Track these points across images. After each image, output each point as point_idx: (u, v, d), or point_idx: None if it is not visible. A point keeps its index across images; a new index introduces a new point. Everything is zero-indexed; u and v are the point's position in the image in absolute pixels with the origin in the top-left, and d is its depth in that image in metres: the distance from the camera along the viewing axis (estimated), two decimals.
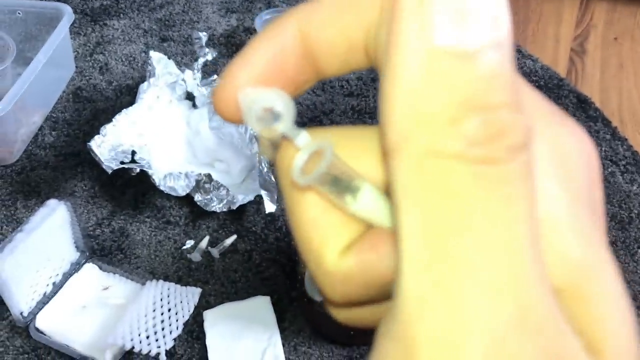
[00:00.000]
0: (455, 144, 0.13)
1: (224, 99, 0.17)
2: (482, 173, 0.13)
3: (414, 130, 0.13)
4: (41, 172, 0.87)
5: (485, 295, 0.13)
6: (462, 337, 0.13)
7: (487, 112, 0.13)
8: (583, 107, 1.00)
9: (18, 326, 0.70)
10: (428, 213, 0.13)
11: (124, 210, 0.83)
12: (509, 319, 0.13)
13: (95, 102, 0.97)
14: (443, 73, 0.13)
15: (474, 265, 0.13)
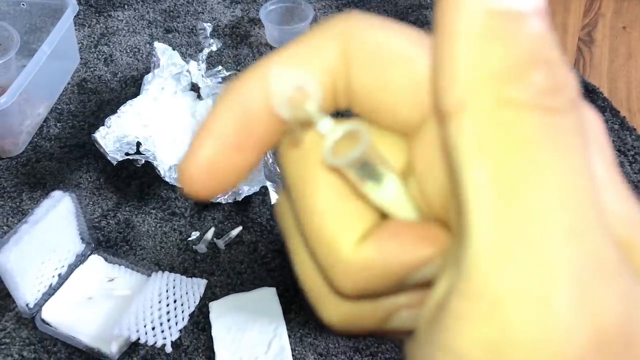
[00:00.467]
0: (525, 93, 0.13)
1: (190, 175, 0.17)
2: (550, 122, 0.13)
3: (482, 83, 0.13)
4: (46, 164, 0.87)
5: (564, 241, 0.13)
6: (550, 284, 0.13)
7: (549, 66, 0.13)
8: (591, 97, 0.99)
9: (24, 317, 0.70)
10: (500, 163, 0.13)
11: (130, 201, 0.83)
12: (590, 263, 0.13)
13: (100, 94, 0.97)
14: (502, 31, 0.13)
15: (550, 212, 0.13)
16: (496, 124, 0.13)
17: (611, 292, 0.13)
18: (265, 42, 1.06)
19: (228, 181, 0.18)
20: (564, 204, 0.13)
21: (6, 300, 0.72)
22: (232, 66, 1.01)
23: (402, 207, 0.17)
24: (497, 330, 0.13)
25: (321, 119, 0.16)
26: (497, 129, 0.13)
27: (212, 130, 0.17)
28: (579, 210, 0.13)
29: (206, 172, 0.17)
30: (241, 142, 0.17)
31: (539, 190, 0.13)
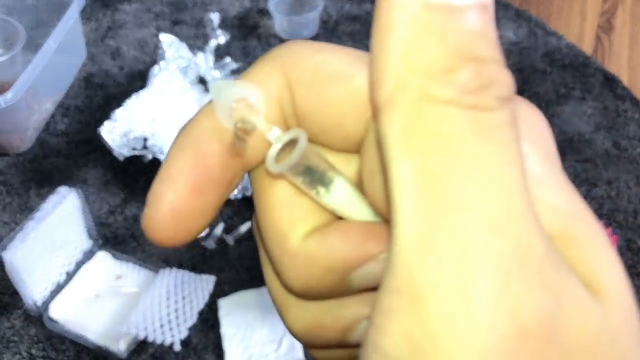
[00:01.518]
0: (449, 90, 0.13)
1: (154, 223, 0.17)
2: (475, 118, 0.13)
3: (410, 78, 0.14)
4: (53, 160, 0.86)
5: (487, 232, 0.13)
6: (470, 276, 0.13)
7: (478, 64, 0.13)
8: (610, 85, 0.96)
9: (32, 315, 0.70)
10: (424, 157, 0.13)
11: (137, 197, 0.81)
12: (513, 255, 0.13)
13: (107, 88, 0.96)
14: (435, 26, 0.13)
15: (473, 204, 0.13)
16: (420, 119, 0.13)
17: (534, 284, 0.13)
18: (274, 33, 1.04)
19: (194, 225, 0.17)
20: (487, 196, 0.13)
21: (14, 298, 0.71)
22: (241, 58, 1.00)
23: (354, 210, 0.17)
24: (418, 324, 0.13)
25: (269, 128, 0.17)
26: (421, 125, 0.13)
27: (169, 176, 0.17)
28: (505, 202, 0.13)
29: (170, 219, 0.17)
30: (200, 183, 0.17)
31: (461, 183, 0.13)
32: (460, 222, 0.13)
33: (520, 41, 1.03)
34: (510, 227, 0.13)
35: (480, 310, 0.13)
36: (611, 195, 0.82)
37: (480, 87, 0.13)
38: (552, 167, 0.16)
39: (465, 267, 0.13)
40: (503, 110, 0.13)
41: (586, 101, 0.94)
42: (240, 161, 0.17)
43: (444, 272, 0.13)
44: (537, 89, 0.95)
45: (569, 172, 0.84)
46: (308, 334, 0.19)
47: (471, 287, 0.13)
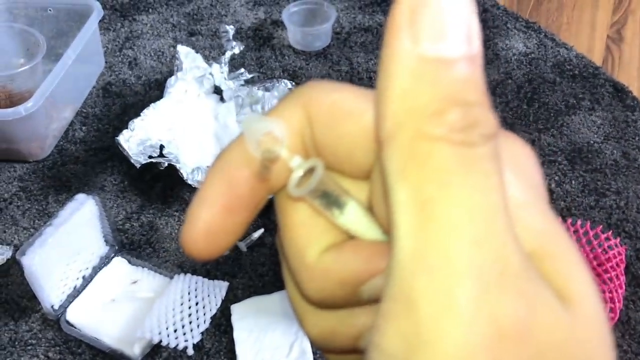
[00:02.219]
0: (440, 129, 0.16)
1: (191, 240, 0.19)
2: (461, 153, 0.15)
3: (407, 118, 0.16)
4: (72, 167, 0.88)
5: (469, 248, 0.15)
6: (454, 284, 0.15)
7: (465, 107, 0.16)
8: (620, 96, 0.97)
9: (49, 319, 0.71)
10: (418, 185, 0.16)
11: (153, 204, 0.83)
12: (491, 267, 0.15)
13: (125, 97, 0.98)
14: (428, 75, 0.16)
15: (458, 224, 0.15)
16: (415, 153, 0.16)
17: (510, 292, 0.15)
18: (287, 44, 1.06)
19: (226, 241, 0.20)
20: (471, 217, 0.15)
21: (32, 302, 0.73)
22: (255, 68, 1.02)
23: (365, 230, 0.20)
24: (411, 325, 0.15)
25: (291, 157, 0.19)
26: (414, 158, 0.16)
27: (205, 198, 0.19)
28: (486, 222, 0.15)
29: (205, 236, 0.19)
30: (231, 205, 0.19)
31: (449, 206, 0.15)
32: (447, 239, 0.15)
33: (530, 52, 1.04)
34: (489, 244, 0.15)
35: (462, 313, 0.15)
36: (620, 205, 0.82)
37: (467, 126, 0.16)
38: (532, 193, 0.18)
39: (451, 277, 0.15)
40: (486, 146, 0.16)
41: (595, 111, 0.94)
42: (266, 186, 0.20)
43: (433, 280, 0.15)
44: (546, 99, 0.96)
45: (578, 182, 0.85)
46: (323, 339, 0.21)
47: (455, 293, 0.15)
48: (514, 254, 0.15)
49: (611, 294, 0.68)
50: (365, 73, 1.01)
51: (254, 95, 0.89)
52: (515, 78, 1.00)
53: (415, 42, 0.16)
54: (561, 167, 0.87)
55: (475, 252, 0.15)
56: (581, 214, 0.81)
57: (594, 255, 0.72)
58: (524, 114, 0.94)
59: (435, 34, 0.16)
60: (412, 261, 0.15)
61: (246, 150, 0.19)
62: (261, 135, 0.19)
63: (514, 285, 0.15)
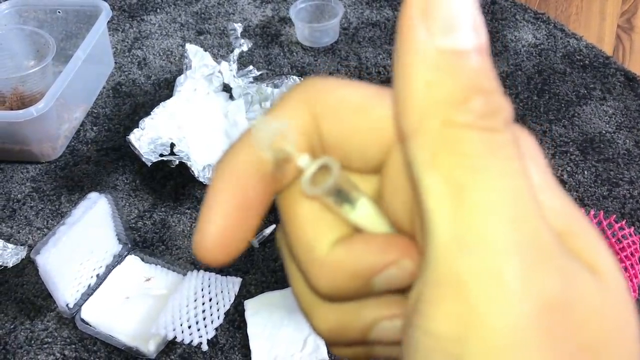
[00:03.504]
0: (466, 116, 0.16)
1: (206, 247, 0.19)
2: (488, 138, 0.16)
3: (433, 109, 0.17)
4: (84, 167, 0.89)
5: (509, 228, 0.16)
6: (501, 263, 0.16)
7: (486, 95, 0.17)
8: (631, 85, 0.96)
9: (65, 317, 0.72)
10: (450, 171, 0.16)
11: (165, 202, 0.84)
12: (532, 244, 0.16)
13: (135, 97, 0.98)
14: (449, 66, 0.17)
15: (495, 206, 0.16)
16: (444, 141, 0.16)
17: (550, 267, 0.16)
18: (296, 40, 1.06)
19: (240, 245, 0.20)
20: (505, 199, 0.16)
21: (47, 301, 0.74)
22: (264, 66, 1.02)
23: (375, 225, 0.20)
24: (463, 306, 0.16)
25: (299, 156, 0.19)
26: (445, 145, 0.16)
27: (215, 204, 0.19)
28: (518, 203, 0.16)
29: (219, 241, 0.19)
30: (242, 209, 0.20)
31: (482, 190, 0.16)
32: (486, 221, 0.16)
33: (539, 43, 1.03)
34: (525, 223, 0.16)
35: (512, 289, 0.16)
36: (633, 195, 0.82)
37: (490, 112, 0.16)
38: (548, 177, 0.19)
39: (496, 256, 0.16)
40: (508, 132, 0.17)
41: (607, 101, 0.94)
42: (275, 185, 0.20)
43: (480, 262, 0.16)
44: (557, 90, 0.96)
45: (591, 172, 0.84)
46: (332, 333, 0.21)
47: (502, 271, 0.16)
48: (546, 232, 0.16)
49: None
50: (374, 68, 1.01)
51: (263, 92, 0.89)
52: (525, 69, 0.99)
53: (431, 35, 0.17)
54: (573, 158, 0.86)
55: (514, 232, 0.16)
56: (594, 204, 0.81)
57: (608, 244, 0.72)
58: (535, 105, 0.94)
59: (448, 27, 0.17)
60: (454, 245, 0.16)
61: (254, 152, 0.19)
62: (272, 137, 0.19)
63: (552, 260, 0.16)
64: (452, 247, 0.16)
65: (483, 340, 0.15)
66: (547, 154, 0.87)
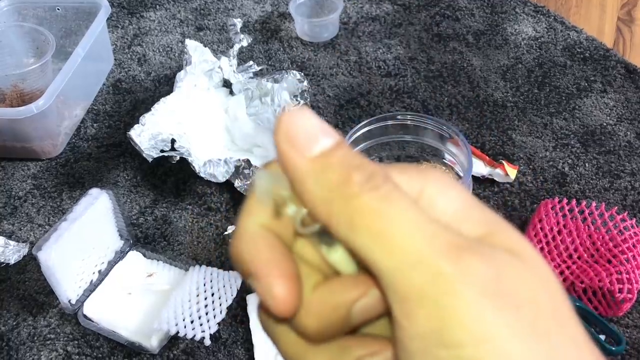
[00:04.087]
0: (354, 188, 0.21)
1: (279, 308, 0.23)
2: (377, 194, 0.21)
3: (331, 196, 0.22)
4: (84, 164, 0.89)
5: (417, 236, 0.21)
6: (432, 263, 0.20)
7: (361, 168, 0.22)
8: (632, 77, 0.96)
9: (67, 314, 0.72)
10: (369, 228, 0.21)
11: (166, 198, 0.84)
12: (437, 240, 0.21)
13: (135, 93, 0.98)
14: (325, 164, 0.22)
15: (406, 230, 0.21)
16: (352, 211, 0.21)
17: (468, 253, 0.21)
18: (295, 35, 1.06)
19: (299, 283, 0.23)
20: (409, 223, 0.21)
21: (50, 297, 0.74)
22: (263, 61, 1.02)
23: (347, 266, 0.24)
24: (430, 305, 0.20)
25: (289, 206, 0.23)
26: (354, 213, 0.21)
27: (265, 275, 0.23)
28: (415, 224, 0.21)
29: (286, 297, 0.23)
30: (283, 265, 0.23)
31: (396, 228, 0.21)
32: (406, 243, 0.21)
33: (539, 36, 1.03)
34: (425, 231, 0.21)
35: (450, 277, 0.20)
36: (635, 187, 0.82)
37: (369, 177, 0.21)
38: (466, 196, 0.24)
39: (426, 262, 0.20)
40: (389, 184, 0.21)
41: (608, 93, 0.94)
42: (283, 225, 0.24)
43: (422, 271, 0.20)
44: (557, 83, 0.96)
45: (592, 164, 0.84)
46: None
47: (439, 269, 0.20)
48: (444, 232, 0.21)
49: (628, 274, 0.68)
50: (374, 62, 1.00)
51: (263, 88, 0.89)
52: (526, 62, 0.99)
53: (302, 154, 0.22)
54: (574, 150, 0.86)
55: (423, 239, 0.21)
56: (595, 196, 0.81)
57: (610, 236, 0.72)
58: (535, 98, 0.94)
59: (310, 140, 0.22)
60: (399, 270, 0.20)
61: (257, 212, 0.24)
62: (270, 186, 0.23)
63: (469, 248, 0.21)
64: (399, 271, 0.20)
65: (456, 320, 0.20)
66: (548, 146, 0.87)
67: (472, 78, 0.97)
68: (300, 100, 0.85)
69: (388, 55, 1.01)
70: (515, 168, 0.83)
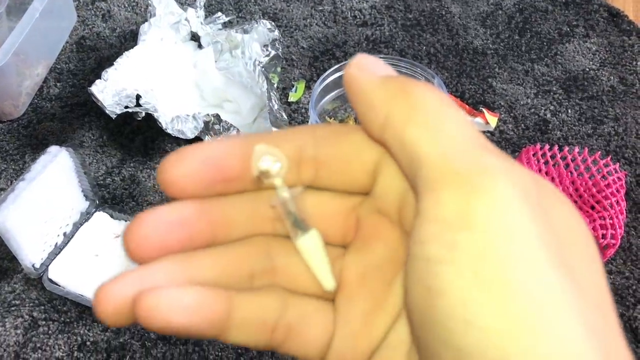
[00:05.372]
0: (414, 89, 0.22)
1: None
2: (431, 95, 0.22)
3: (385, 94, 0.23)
4: (48, 125, 0.85)
5: (465, 136, 0.21)
6: (477, 154, 0.20)
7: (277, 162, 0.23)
8: (615, 20, 0.92)
9: (32, 279, 0.69)
10: (424, 120, 0.22)
11: (134, 157, 0.80)
12: (482, 144, 0.21)
13: (100, 51, 0.94)
14: (388, 78, 0.23)
15: (454, 126, 0.21)
16: (410, 101, 0.22)
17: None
18: None
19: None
20: (461, 122, 0.21)
21: (13, 263, 0.70)
22: (233, 12, 0.97)
23: (313, 257, 0.24)
24: (462, 188, 0.20)
25: (285, 190, 0.24)
26: (409, 104, 0.22)
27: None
28: (470, 124, 0.22)
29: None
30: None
31: (444, 117, 0.21)
32: (455, 135, 0.21)
33: None
34: (470, 130, 0.22)
35: (493, 168, 0.20)
36: (618, 132, 0.79)
37: (425, 85, 0.22)
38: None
39: (471, 153, 0.20)
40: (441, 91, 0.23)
41: (590, 38, 0.90)
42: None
43: (465, 158, 0.20)
44: (538, 28, 0.92)
45: (575, 110, 0.81)
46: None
47: (483, 159, 0.20)
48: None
49: (612, 220, 0.66)
50: (350, 12, 0.96)
51: (233, 40, 0.85)
52: (506, 8, 0.95)
53: (370, 73, 0.23)
54: (556, 97, 0.83)
55: (472, 136, 0.21)
56: (578, 142, 0.78)
57: (594, 182, 0.69)
58: (516, 44, 0.90)
59: (376, 68, 0.23)
60: (442, 156, 0.20)
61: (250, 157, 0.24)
62: (265, 165, 0.23)
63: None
64: (443, 156, 0.20)
65: (485, 205, 0.19)
66: (529, 93, 0.84)
67: (451, 26, 0.94)
68: (271, 50, 0.82)
69: (364, 4, 0.97)
70: (496, 116, 0.80)
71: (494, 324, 0.17)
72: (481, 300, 0.18)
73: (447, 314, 0.18)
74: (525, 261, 0.18)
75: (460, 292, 0.18)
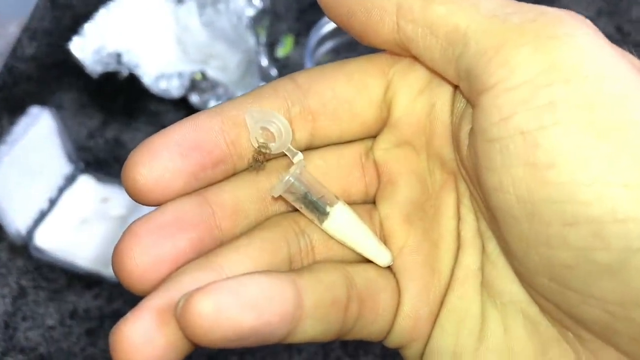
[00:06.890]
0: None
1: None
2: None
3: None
4: (24, 86, 0.81)
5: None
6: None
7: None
8: None
9: (18, 246, 0.66)
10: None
11: (117, 118, 0.77)
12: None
13: (75, 8, 0.89)
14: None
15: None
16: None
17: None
18: None
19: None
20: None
21: None
22: None
23: (353, 235, 0.21)
24: (545, 45, 0.19)
25: (294, 154, 0.21)
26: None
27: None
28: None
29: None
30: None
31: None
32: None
33: None
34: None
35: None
36: None
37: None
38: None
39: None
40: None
41: None
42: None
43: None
44: None
45: None
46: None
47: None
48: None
49: None
50: None
51: None
52: None
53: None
54: None
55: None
56: None
57: None
58: None
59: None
60: (490, 16, 0.19)
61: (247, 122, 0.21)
62: (259, 130, 0.20)
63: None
64: (491, 20, 0.18)
65: (574, 55, 0.17)
66: None
67: None
68: (257, 3, 0.78)
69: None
70: None
71: (631, 177, 0.15)
72: (607, 151, 0.15)
73: (566, 183, 0.15)
74: (638, 98, 0.16)
75: (578, 151, 0.15)
